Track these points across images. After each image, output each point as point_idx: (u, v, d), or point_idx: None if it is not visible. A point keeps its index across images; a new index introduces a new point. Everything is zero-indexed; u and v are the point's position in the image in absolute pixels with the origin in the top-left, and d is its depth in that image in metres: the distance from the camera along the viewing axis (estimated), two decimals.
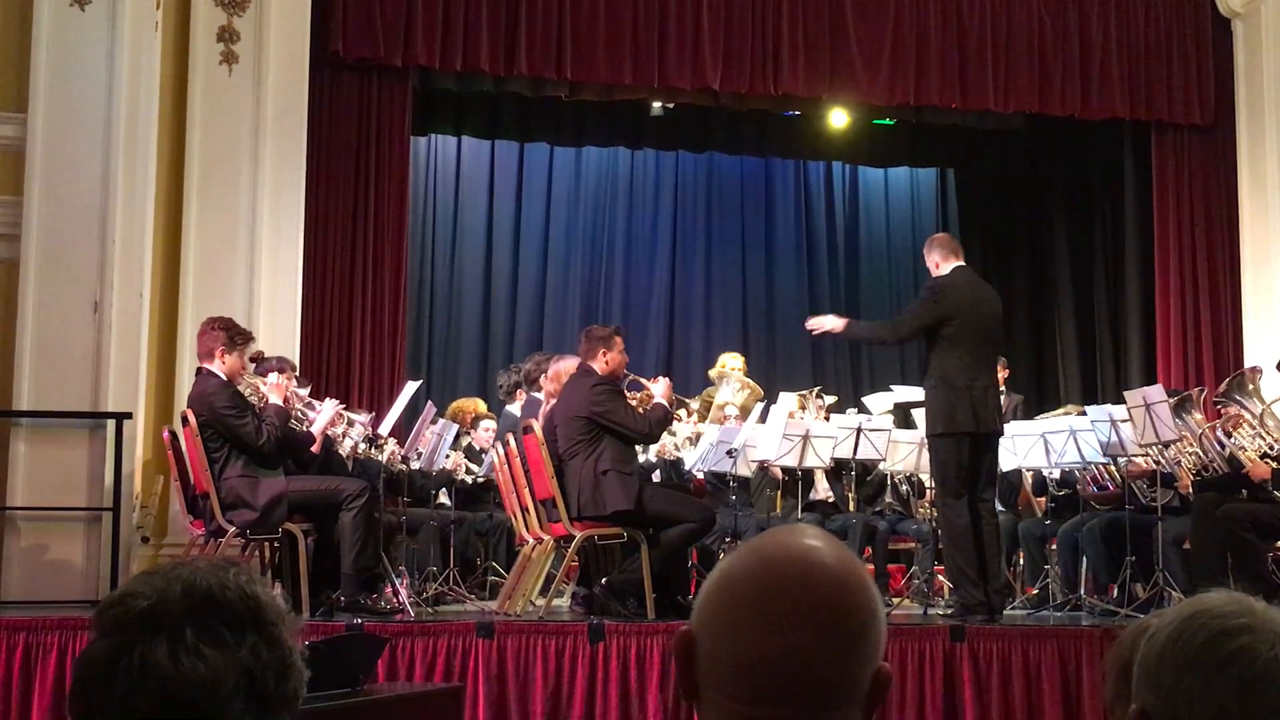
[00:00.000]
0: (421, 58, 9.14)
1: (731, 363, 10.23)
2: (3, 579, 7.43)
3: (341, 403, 7.53)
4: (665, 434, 9.13)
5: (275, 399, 6.93)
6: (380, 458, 7.84)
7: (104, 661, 1.42)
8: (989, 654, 6.38)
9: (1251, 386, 7.44)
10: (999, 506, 7.65)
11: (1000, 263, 12.46)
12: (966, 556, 6.81)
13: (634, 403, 7.33)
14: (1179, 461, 7.53)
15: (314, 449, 7.13)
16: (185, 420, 6.88)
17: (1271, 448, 7.20)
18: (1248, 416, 7.35)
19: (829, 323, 7.24)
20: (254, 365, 7.13)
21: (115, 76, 7.77)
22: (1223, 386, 7.66)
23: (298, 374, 7.71)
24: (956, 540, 6.85)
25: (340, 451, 7.58)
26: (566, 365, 7.53)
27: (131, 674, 1.40)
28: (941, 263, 7.09)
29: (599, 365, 7.12)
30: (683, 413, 9.57)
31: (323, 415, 7.18)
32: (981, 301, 7.02)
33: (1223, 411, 7.55)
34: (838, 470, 8.69)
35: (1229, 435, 7.38)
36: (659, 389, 7.32)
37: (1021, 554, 8.42)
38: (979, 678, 6.36)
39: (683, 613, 6.50)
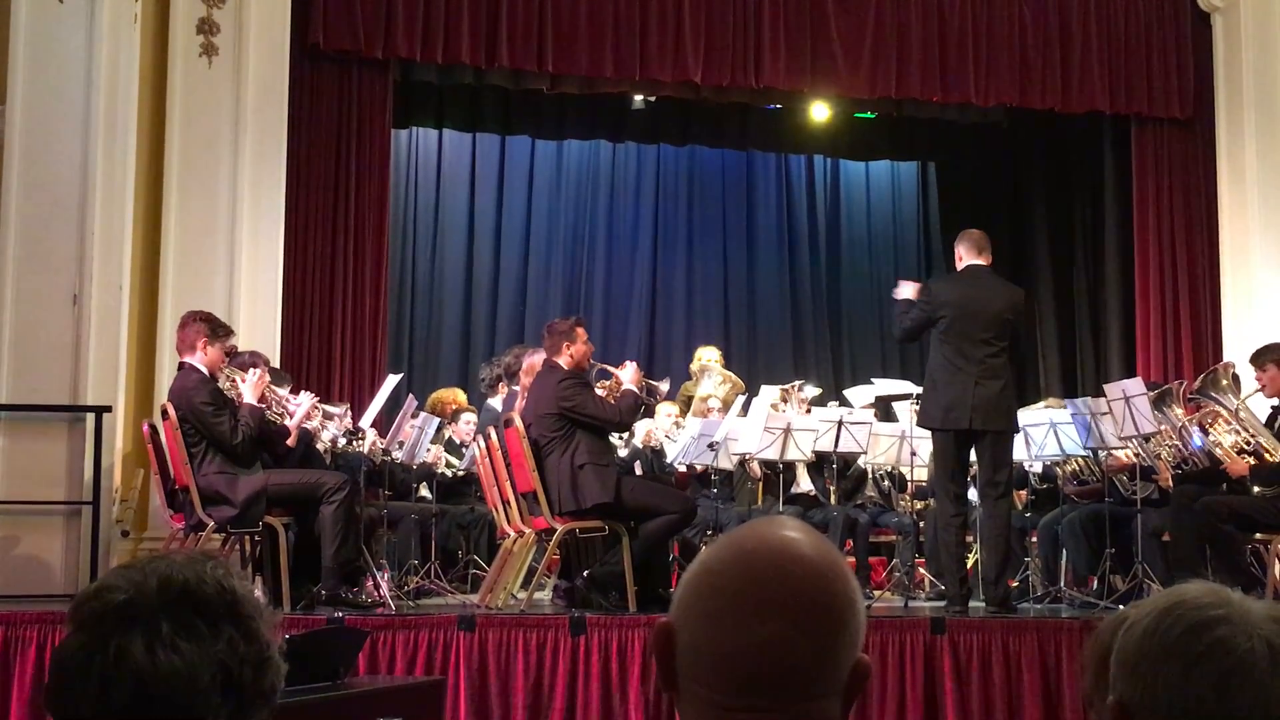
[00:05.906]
0: (402, 50, 9.11)
1: (709, 355, 10.23)
2: None
3: (317, 396, 7.51)
4: (649, 420, 9.14)
5: (251, 397, 6.90)
6: (362, 449, 7.81)
7: (80, 656, 1.41)
8: (969, 646, 6.40)
9: (1225, 382, 7.47)
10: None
11: None
12: (947, 548, 6.97)
13: (604, 392, 7.31)
14: (1159, 454, 7.55)
15: (289, 443, 7.10)
16: (165, 413, 6.86)
17: (1248, 443, 7.23)
18: (1223, 412, 7.39)
19: (904, 291, 7.20)
20: (228, 360, 7.10)
21: (94, 68, 7.72)
22: (1196, 384, 7.67)
23: (273, 367, 7.67)
24: (938, 532, 7.07)
25: (319, 446, 7.55)
26: (539, 359, 7.50)
27: (107, 668, 1.40)
28: (963, 258, 7.16)
29: (564, 359, 7.08)
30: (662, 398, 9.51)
31: (298, 409, 7.15)
32: (977, 300, 6.93)
33: (1200, 407, 7.58)
34: (819, 463, 8.70)
35: (1206, 432, 7.40)
36: (628, 374, 7.27)
37: None
38: (959, 670, 6.38)
39: (664, 605, 6.48)
